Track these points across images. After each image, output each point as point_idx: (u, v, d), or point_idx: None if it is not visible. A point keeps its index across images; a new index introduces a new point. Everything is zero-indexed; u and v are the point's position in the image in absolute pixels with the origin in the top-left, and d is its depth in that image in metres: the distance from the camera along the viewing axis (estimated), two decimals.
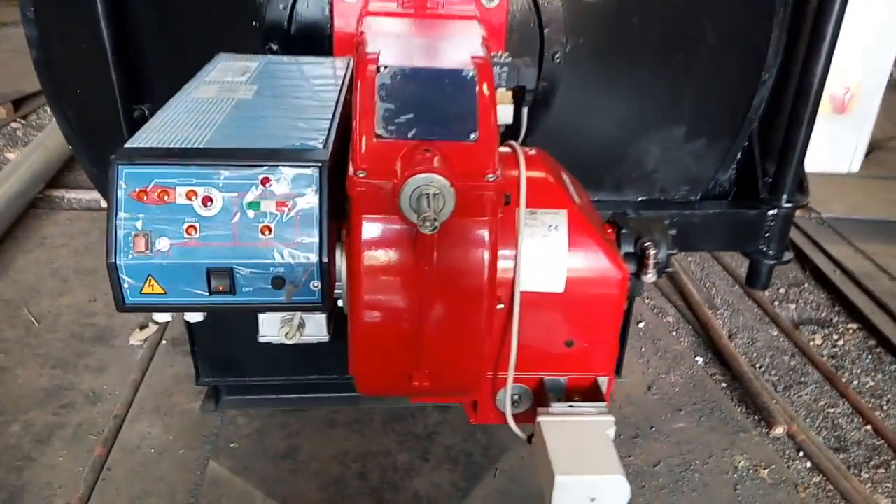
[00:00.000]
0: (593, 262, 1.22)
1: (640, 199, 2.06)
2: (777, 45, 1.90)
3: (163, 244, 0.95)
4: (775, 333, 3.62)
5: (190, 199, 0.95)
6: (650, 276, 1.33)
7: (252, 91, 1.27)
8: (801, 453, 2.79)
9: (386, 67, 1.13)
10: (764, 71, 1.93)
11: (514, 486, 2.45)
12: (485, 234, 1.08)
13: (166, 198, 0.95)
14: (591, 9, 1.79)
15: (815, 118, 1.92)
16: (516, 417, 1.30)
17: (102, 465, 2.43)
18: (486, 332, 1.13)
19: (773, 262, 2.07)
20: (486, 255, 1.08)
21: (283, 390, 2.65)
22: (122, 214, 0.94)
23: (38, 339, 3.11)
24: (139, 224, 0.95)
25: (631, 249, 1.34)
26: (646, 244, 1.32)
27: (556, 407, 1.24)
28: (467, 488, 2.41)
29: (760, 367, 3.35)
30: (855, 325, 3.71)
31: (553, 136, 1.84)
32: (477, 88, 1.12)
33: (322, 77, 1.39)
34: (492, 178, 1.04)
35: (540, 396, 1.29)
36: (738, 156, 2.08)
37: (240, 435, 2.56)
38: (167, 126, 1.08)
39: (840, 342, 3.60)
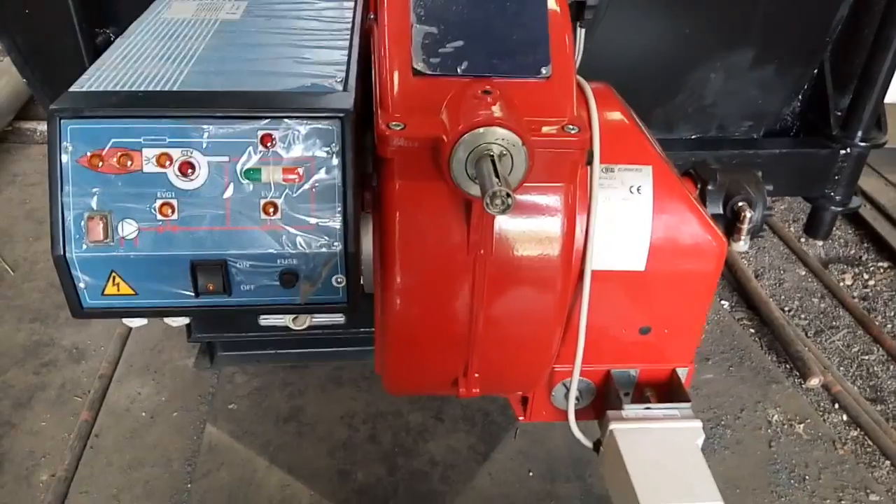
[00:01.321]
0: (685, 232, 0.96)
1: (693, 136, 1.78)
2: None
3: (128, 229, 0.68)
4: (803, 273, 3.41)
5: (163, 165, 0.68)
6: (742, 244, 1.08)
7: (240, 9, 0.97)
8: (836, 405, 2.62)
9: None
10: None
11: (537, 446, 2.27)
12: (561, 206, 0.82)
13: (129, 164, 0.68)
14: None
15: None
16: (576, 415, 1.08)
17: (90, 430, 2.22)
18: (558, 326, 0.89)
19: (839, 209, 1.82)
20: (562, 235, 0.82)
21: (284, 345, 2.43)
22: (68, 189, 0.67)
23: (13, 289, 2.85)
24: (94, 202, 0.68)
25: (719, 210, 1.09)
26: (739, 204, 1.07)
27: (631, 409, 1.00)
28: (486, 451, 2.23)
29: (789, 311, 3.15)
30: (886, 264, 3.50)
31: (595, 59, 1.54)
32: (548, 5, 0.84)
33: None
34: (574, 131, 0.77)
35: (607, 393, 1.06)
36: (807, 85, 1.79)
37: (238, 395, 2.36)
38: (129, 60, 0.79)
39: (871, 282, 3.40)
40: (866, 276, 3.43)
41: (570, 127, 0.78)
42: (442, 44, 0.80)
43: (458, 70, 0.79)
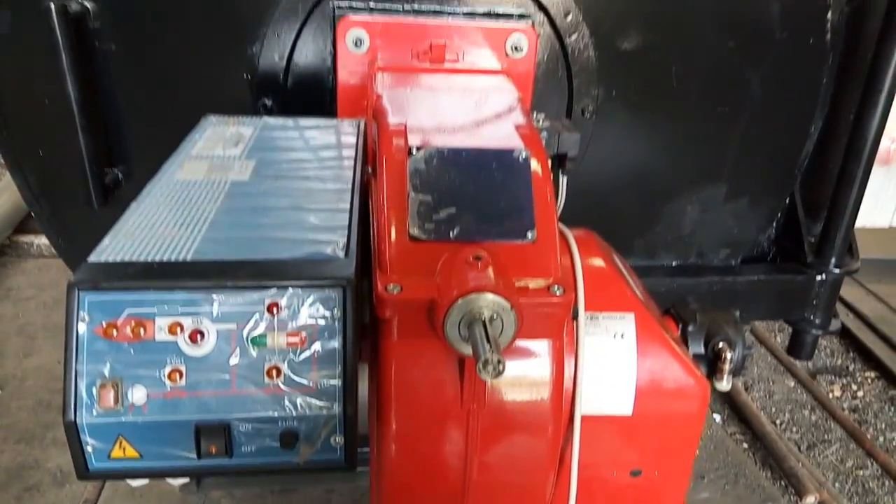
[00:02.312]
0: (667, 375, 1.00)
1: (674, 264, 1.85)
2: (826, 94, 1.72)
3: (138, 396, 0.71)
4: (792, 384, 3.43)
5: (174, 333, 0.72)
6: (724, 384, 1.11)
7: (248, 169, 1.05)
8: None
9: (419, 149, 0.92)
10: (811, 122, 1.74)
11: None
12: (550, 358, 0.86)
13: (142, 332, 0.72)
14: (627, 56, 1.59)
15: (868, 177, 1.74)
16: None
17: None
18: (551, 471, 0.91)
19: (820, 333, 1.87)
20: (552, 385, 0.86)
21: None
22: (83, 358, 0.71)
23: (1, 407, 2.81)
24: (106, 369, 0.71)
25: (700, 350, 1.13)
26: (719, 345, 1.11)
27: None
28: None
29: (781, 424, 3.15)
30: (873, 374, 3.53)
31: (580, 194, 1.63)
32: (532, 174, 0.91)
33: (329, 147, 1.17)
34: (559, 292, 0.82)
35: None
36: (780, 213, 1.89)
37: None
38: (144, 226, 0.85)
39: (860, 393, 3.41)
40: (855, 387, 3.45)
41: (556, 287, 0.83)
42: (436, 211, 0.87)
43: (451, 235, 0.85)
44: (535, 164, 0.93)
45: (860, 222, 2.22)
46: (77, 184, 1.55)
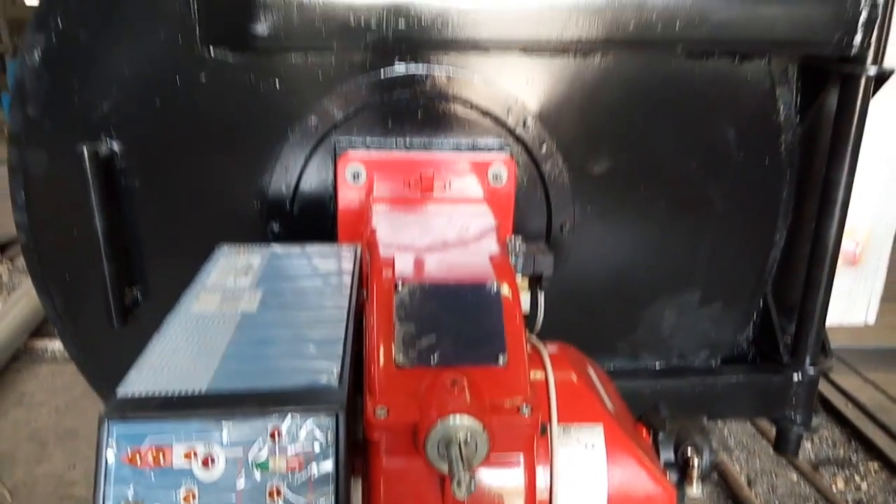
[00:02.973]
0: (635, 483, 1.10)
1: (657, 365, 1.96)
2: (786, 206, 1.88)
3: None
4: (795, 478, 3.44)
5: (189, 459, 0.84)
6: (694, 489, 1.20)
7: (256, 299, 1.18)
8: None
9: (403, 284, 1.06)
10: (775, 232, 1.89)
11: None
12: (520, 471, 0.96)
13: (162, 459, 0.83)
14: (597, 178, 1.76)
15: (832, 281, 1.87)
16: None
17: None
18: None
19: (802, 430, 1.95)
20: (525, 493, 0.96)
21: None
22: (112, 483, 0.82)
23: None
24: (130, 493, 0.82)
25: (671, 457, 1.22)
26: (687, 452, 1.21)
27: None
28: None
29: None
30: (876, 465, 3.53)
31: (563, 303, 1.76)
32: (503, 304, 1.04)
33: (329, 275, 1.31)
34: (526, 412, 0.94)
35: None
36: (755, 315, 2.01)
37: None
38: (165, 360, 0.97)
39: (863, 485, 3.41)
40: (858, 479, 3.45)
41: (525, 408, 0.95)
42: (418, 339, 0.99)
43: (432, 361, 0.97)
44: (505, 295, 1.07)
45: (836, 321, 2.34)
46: (99, 305, 1.69)
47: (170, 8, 1.52)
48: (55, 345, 4.18)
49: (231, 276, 1.29)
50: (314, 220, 1.72)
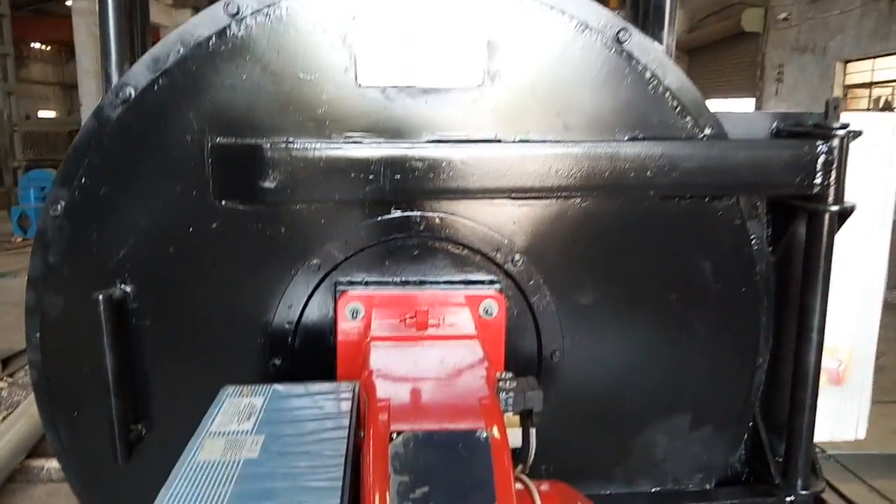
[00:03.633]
0: None
1: (653, 490, 1.98)
2: (766, 331, 1.96)
3: None
4: None
5: None
6: None
7: (258, 445, 1.25)
8: None
9: (398, 434, 1.13)
10: (758, 356, 1.96)
11: None
12: None
13: None
14: (584, 309, 1.85)
15: (816, 403, 1.93)
16: None
17: None
18: None
19: None
20: None
21: None
22: None
23: None
24: None
25: None
26: None
27: None
28: None
29: None
30: None
31: (556, 430, 1.81)
32: (491, 452, 1.11)
33: (328, 417, 1.38)
34: None
35: None
36: (746, 436, 2.05)
37: None
38: None
39: None
40: None
41: None
42: (412, 490, 1.05)
43: None
44: (494, 441, 1.13)
45: (826, 438, 2.37)
46: (104, 440, 1.75)
47: (186, 165, 1.66)
48: (51, 464, 4.15)
49: (234, 421, 1.36)
50: (315, 354, 1.80)
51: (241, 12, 1.63)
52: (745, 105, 15.48)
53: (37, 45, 37.98)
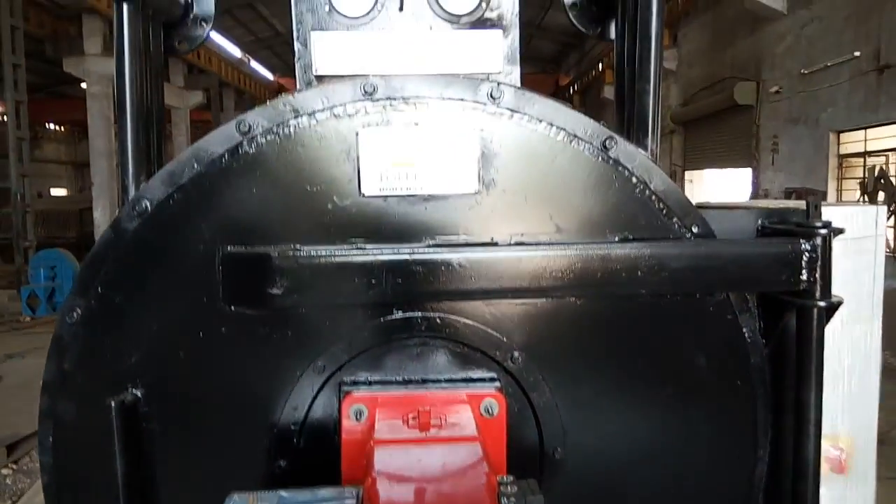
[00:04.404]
0: None
1: None
2: (765, 422, 1.99)
3: None
4: None
5: None
6: None
7: None
8: None
9: None
10: (758, 448, 1.98)
11: None
12: None
13: None
14: (584, 405, 1.89)
15: (818, 494, 1.93)
16: None
17: None
18: None
19: None
20: None
21: None
22: None
23: None
24: None
25: None
26: None
27: None
28: None
29: None
30: None
31: None
32: None
33: None
34: None
35: None
36: None
37: None
38: None
39: None
40: None
41: None
42: None
43: None
44: None
45: None
46: None
47: (198, 273, 1.75)
48: None
49: None
50: (320, 454, 1.83)
51: (252, 131, 1.75)
52: (743, 175, 15.76)
53: (51, 126, 39.19)
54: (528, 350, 1.86)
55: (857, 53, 12.91)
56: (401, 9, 1.99)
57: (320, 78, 1.98)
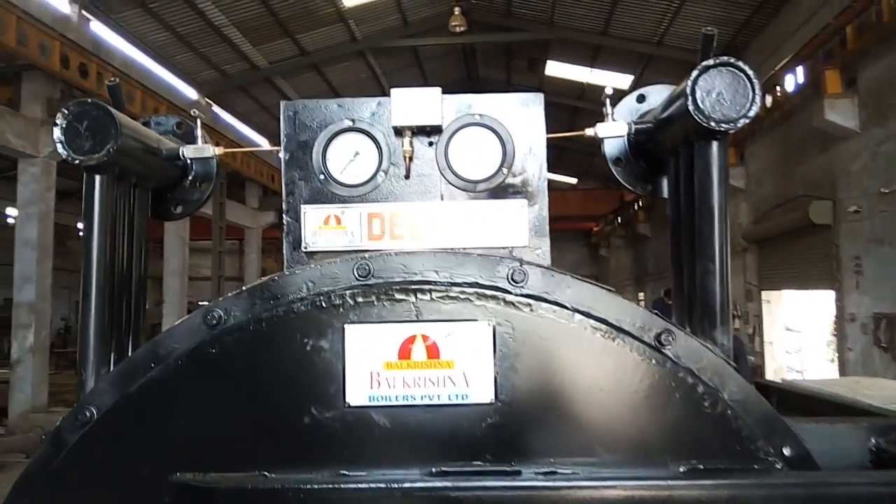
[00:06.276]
0: None
1: None
2: None
3: None
4: None
5: None
6: None
7: None
8: None
9: None
10: None
11: None
12: None
13: None
14: None
15: None
16: None
17: None
18: None
19: None
20: None
21: None
22: None
23: None
24: None
25: None
26: None
27: None
28: None
29: None
30: None
31: None
32: None
33: None
34: None
35: None
36: None
37: None
38: None
39: None
40: None
41: None
42: None
43: None
44: None
45: None
46: None
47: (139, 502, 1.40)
48: None
49: None
50: None
51: (222, 323, 1.44)
52: (824, 297, 14.62)
53: None
54: None
55: None
56: (407, 176, 1.70)
57: (311, 254, 1.68)
